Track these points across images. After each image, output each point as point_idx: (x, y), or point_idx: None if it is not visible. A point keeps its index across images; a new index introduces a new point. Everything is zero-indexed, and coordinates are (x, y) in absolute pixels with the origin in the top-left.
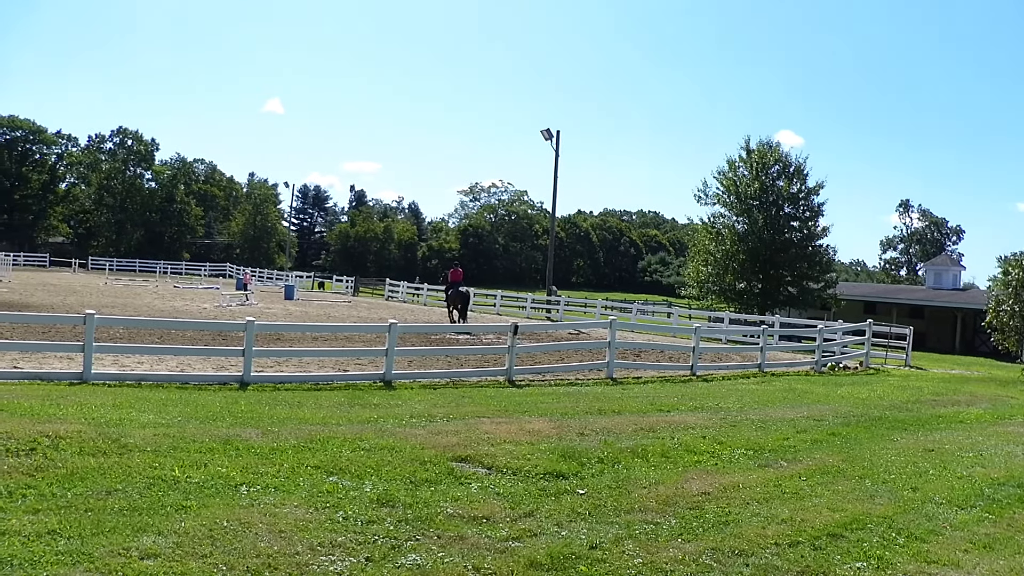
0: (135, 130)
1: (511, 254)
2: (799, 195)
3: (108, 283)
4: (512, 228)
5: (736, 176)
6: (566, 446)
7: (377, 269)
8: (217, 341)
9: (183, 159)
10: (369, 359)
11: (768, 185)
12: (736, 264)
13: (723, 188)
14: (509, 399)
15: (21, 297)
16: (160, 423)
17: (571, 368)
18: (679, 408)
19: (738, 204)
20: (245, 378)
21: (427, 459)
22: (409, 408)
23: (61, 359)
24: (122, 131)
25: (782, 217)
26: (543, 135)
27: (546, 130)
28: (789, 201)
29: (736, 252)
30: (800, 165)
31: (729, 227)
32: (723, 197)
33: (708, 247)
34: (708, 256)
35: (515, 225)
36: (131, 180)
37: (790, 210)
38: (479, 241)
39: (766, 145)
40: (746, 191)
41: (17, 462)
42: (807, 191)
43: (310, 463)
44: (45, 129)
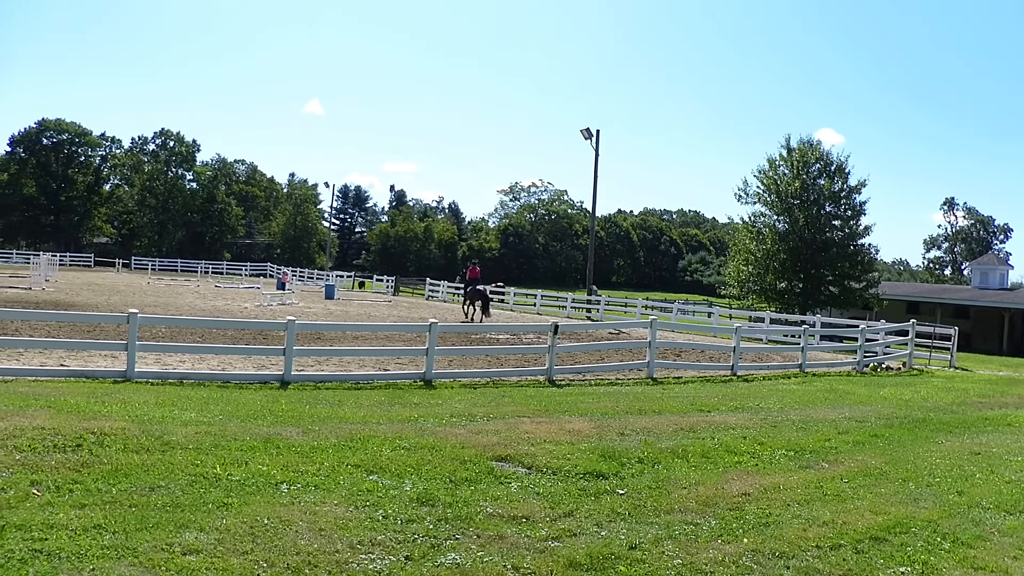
0: (177, 131)
1: (551, 254)
2: (840, 194)
3: (151, 283)
4: (552, 228)
5: (776, 175)
6: (606, 446)
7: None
8: (258, 340)
9: (224, 160)
10: (409, 358)
11: (809, 184)
12: (777, 263)
13: (763, 187)
14: (549, 399)
15: (67, 296)
16: (202, 421)
17: (611, 368)
18: (719, 408)
19: (779, 203)
20: (286, 377)
21: (467, 458)
22: (449, 407)
23: (105, 357)
24: (164, 133)
25: (823, 216)
26: (583, 134)
27: (586, 129)
28: (830, 200)
29: (777, 251)
30: (842, 163)
31: (770, 226)
32: (763, 196)
33: (749, 246)
34: (749, 255)
35: (555, 225)
36: (173, 181)
37: (831, 209)
38: (519, 241)
39: (807, 143)
40: (787, 190)
41: (64, 458)
42: (848, 190)
43: (350, 462)
44: (90, 132)
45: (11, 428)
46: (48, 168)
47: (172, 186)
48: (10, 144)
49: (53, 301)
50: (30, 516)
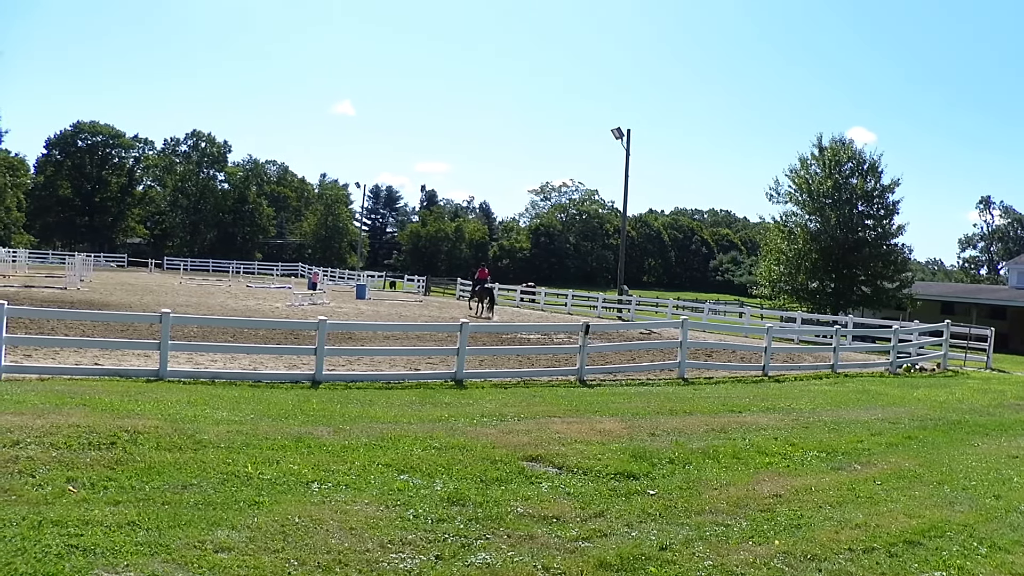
0: (208, 133)
1: (582, 253)
2: (873, 193)
3: (183, 283)
4: (583, 227)
5: (808, 174)
6: (637, 446)
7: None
8: (289, 340)
9: (255, 160)
10: (440, 358)
11: (841, 183)
12: (808, 263)
13: (795, 186)
14: (580, 399)
15: (101, 296)
16: (233, 420)
17: (642, 368)
18: (751, 409)
19: (810, 202)
20: (317, 376)
21: (498, 458)
22: (480, 407)
23: (139, 356)
24: (196, 134)
25: (855, 215)
26: (613, 134)
27: (616, 129)
28: (863, 199)
29: (808, 251)
30: (874, 162)
31: (801, 226)
32: (795, 195)
33: (780, 246)
34: (780, 255)
35: (586, 224)
36: (204, 182)
37: (864, 208)
38: (550, 240)
39: (839, 142)
40: (818, 189)
41: (99, 455)
42: (881, 189)
43: (381, 461)
44: (123, 133)
45: (48, 426)
46: (83, 170)
47: (204, 187)
48: (46, 147)
49: (88, 301)
50: (66, 512)
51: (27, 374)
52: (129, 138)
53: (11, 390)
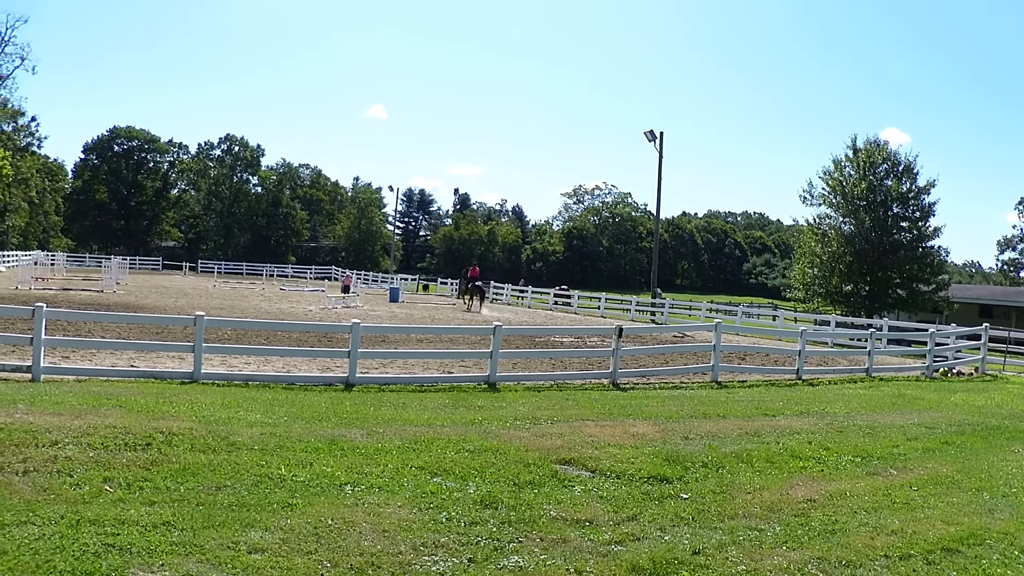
0: (241, 137)
1: (615, 256)
2: (908, 195)
3: (217, 286)
4: (616, 230)
5: (842, 176)
6: (670, 450)
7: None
8: (323, 343)
9: (288, 164)
10: (473, 361)
11: (875, 185)
12: (843, 266)
13: (829, 188)
14: (613, 402)
15: (136, 299)
16: (267, 422)
17: (676, 371)
18: (784, 412)
19: (844, 205)
20: (350, 379)
21: (531, 461)
22: (513, 410)
23: (173, 359)
24: (229, 138)
25: (890, 218)
26: (647, 136)
27: (649, 131)
28: (898, 201)
29: (843, 254)
30: (909, 163)
31: (835, 228)
32: (829, 198)
33: (814, 249)
34: (814, 258)
35: (619, 227)
36: (238, 185)
37: (899, 210)
38: (583, 243)
39: (873, 143)
40: (852, 191)
41: (135, 456)
42: (917, 190)
43: (414, 464)
44: (158, 138)
45: (85, 426)
46: (119, 174)
47: (237, 190)
48: (83, 152)
49: (123, 304)
50: (103, 511)
51: (65, 375)
52: (164, 143)
53: (50, 391)
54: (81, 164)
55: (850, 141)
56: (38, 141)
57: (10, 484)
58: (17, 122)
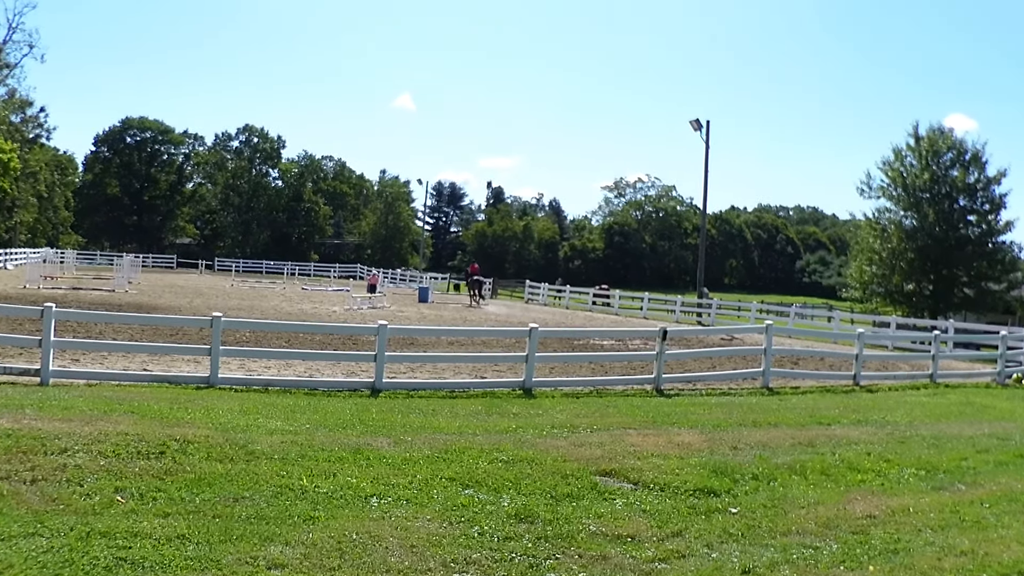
0: (261, 127)
1: (659, 254)
2: (976, 186)
3: (234, 285)
4: (660, 226)
5: (903, 166)
6: (718, 461)
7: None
8: (347, 345)
9: (311, 156)
10: (508, 365)
11: (940, 176)
12: (904, 263)
13: (889, 180)
14: (657, 409)
15: (149, 299)
16: (288, 430)
17: (724, 376)
18: (841, 421)
19: (906, 197)
20: (377, 384)
21: (569, 472)
22: (550, 418)
23: (188, 362)
24: (248, 129)
25: (956, 211)
26: (692, 125)
27: (695, 120)
28: (964, 193)
29: (904, 250)
30: (977, 152)
31: (896, 223)
32: (888, 190)
33: (872, 245)
34: (872, 255)
35: (663, 222)
36: (257, 179)
37: (966, 203)
38: (625, 240)
39: (936, 131)
40: (915, 183)
41: (148, 465)
42: (986, 181)
43: (444, 475)
44: (172, 129)
45: (96, 433)
46: (131, 167)
47: (256, 184)
48: (94, 144)
49: (136, 303)
50: (115, 523)
51: (75, 379)
52: (179, 134)
53: (59, 395)
54: (92, 157)
55: (911, 128)
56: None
57: (17, 493)
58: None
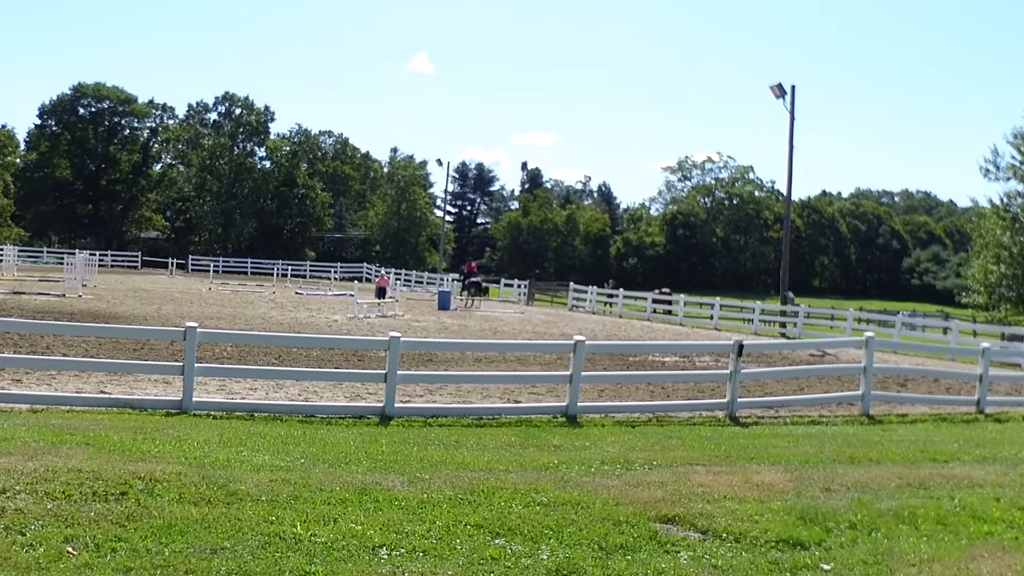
0: (245, 96)
1: (733, 250)
2: None
3: (213, 288)
4: (734, 215)
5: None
6: (806, 505)
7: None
8: (351, 362)
9: (306, 132)
10: (547, 387)
11: None
12: None
13: (1021, 157)
14: (731, 441)
15: (108, 306)
16: (278, 466)
17: (813, 401)
18: (961, 457)
19: None
20: (387, 410)
21: (622, 518)
22: (599, 451)
23: (156, 383)
24: (229, 97)
25: None
26: (773, 92)
27: (777, 85)
28: None
29: None
30: None
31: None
32: (1021, 169)
33: (1000, 238)
34: (1000, 251)
35: (737, 212)
36: (240, 159)
37: None
38: (690, 233)
39: None
40: None
41: (106, 508)
42: None
43: (470, 521)
44: (135, 98)
45: (42, 470)
46: (85, 145)
47: (239, 165)
48: (39, 116)
49: (91, 311)
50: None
51: (16, 403)
52: (143, 104)
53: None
54: (36, 132)
55: None
56: None
57: None
58: None
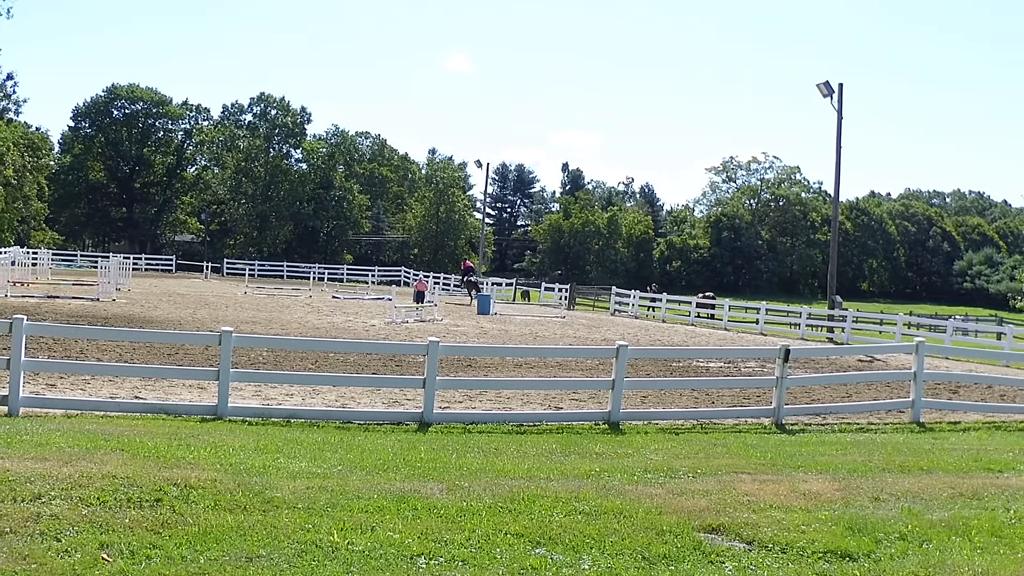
0: (281, 97)
1: (779, 253)
2: None
3: (248, 292)
4: (780, 217)
5: None
6: (854, 515)
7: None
8: (389, 368)
9: (342, 133)
10: (589, 393)
11: None
12: None
13: None
14: (777, 449)
15: (143, 310)
16: (315, 473)
17: (861, 408)
18: (1016, 467)
19: None
20: (426, 416)
21: (666, 528)
22: (642, 459)
23: (190, 388)
24: (264, 98)
25: None
26: (820, 90)
27: (824, 83)
28: None
29: None
30: None
31: None
32: None
33: None
34: None
35: (784, 213)
36: (276, 161)
37: None
38: (735, 235)
39: None
40: None
41: (140, 515)
42: None
43: (510, 529)
44: (170, 99)
45: (76, 475)
46: (119, 147)
47: (275, 167)
48: (73, 118)
49: (125, 316)
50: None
51: (51, 408)
52: (178, 106)
53: (31, 428)
54: (70, 134)
55: None
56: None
57: None
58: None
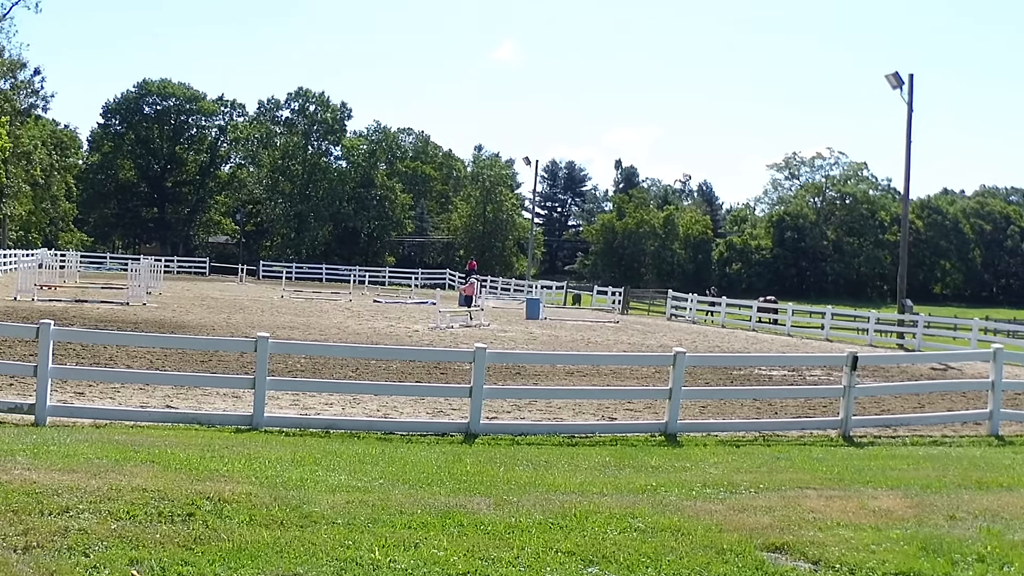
0: (320, 92)
1: (845, 254)
2: None
3: (285, 296)
4: (846, 217)
5: None
6: (928, 534)
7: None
8: (434, 375)
9: (384, 129)
10: (645, 403)
11: None
12: None
13: None
14: (844, 463)
15: (175, 315)
16: (355, 486)
17: (935, 419)
18: None
19: None
20: (472, 427)
21: (726, 546)
22: (701, 473)
23: (225, 397)
24: (303, 94)
25: None
26: (889, 81)
27: (893, 75)
28: None
29: None
30: None
31: None
32: None
33: None
34: None
35: (850, 212)
36: (315, 159)
37: None
38: (799, 236)
39: None
40: None
41: (172, 530)
42: None
43: (561, 547)
44: (204, 95)
45: (105, 488)
46: (150, 145)
47: (314, 166)
48: (103, 115)
49: (156, 321)
50: None
51: (79, 418)
52: (212, 101)
53: (59, 439)
54: (99, 131)
55: None
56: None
57: (6, 563)
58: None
